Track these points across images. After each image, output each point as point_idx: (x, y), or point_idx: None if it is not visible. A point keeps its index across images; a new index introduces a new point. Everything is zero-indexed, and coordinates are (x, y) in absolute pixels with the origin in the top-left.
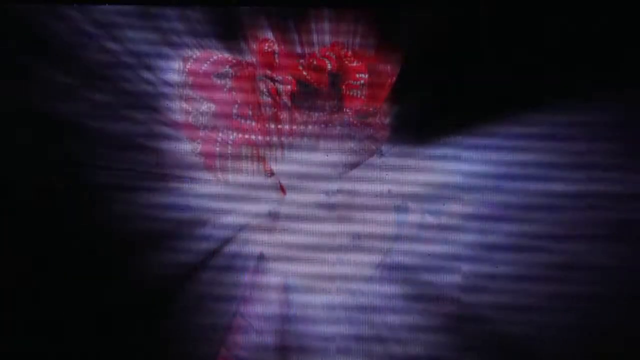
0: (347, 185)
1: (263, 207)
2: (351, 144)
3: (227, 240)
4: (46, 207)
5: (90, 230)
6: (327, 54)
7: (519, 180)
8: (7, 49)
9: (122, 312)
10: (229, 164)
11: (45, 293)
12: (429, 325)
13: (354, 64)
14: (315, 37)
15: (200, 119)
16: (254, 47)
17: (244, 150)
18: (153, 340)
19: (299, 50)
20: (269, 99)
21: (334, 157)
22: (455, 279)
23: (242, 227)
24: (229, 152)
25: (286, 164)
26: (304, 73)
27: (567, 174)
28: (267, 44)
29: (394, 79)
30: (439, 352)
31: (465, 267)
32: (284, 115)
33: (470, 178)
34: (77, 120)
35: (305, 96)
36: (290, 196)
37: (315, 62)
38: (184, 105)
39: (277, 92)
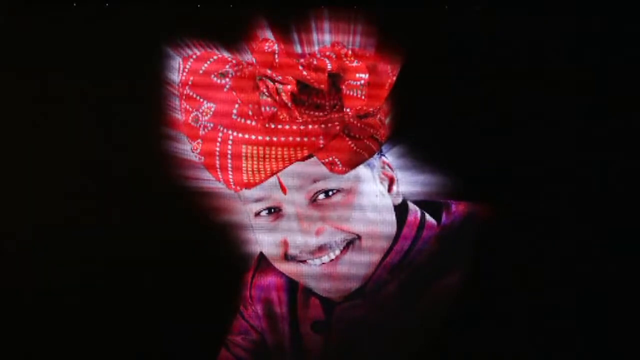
0: (347, 185)
1: (263, 206)
2: (351, 144)
3: (227, 240)
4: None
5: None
6: (327, 53)
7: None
8: None
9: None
10: (229, 163)
11: None
12: (429, 325)
13: (354, 64)
14: (315, 37)
15: (201, 118)
16: (254, 47)
17: (244, 150)
18: (152, 340)
19: (299, 50)
20: (269, 99)
21: (334, 157)
22: (455, 279)
23: (242, 227)
24: (229, 151)
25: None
26: (304, 73)
27: None
28: (267, 44)
29: (394, 78)
30: (438, 351)
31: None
32: (284, 115)
33: (469, 178)
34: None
35: (306, 96)
36: (291, 195)
37: (315, 62)
38: (184, 105)
39: (277, 92)
